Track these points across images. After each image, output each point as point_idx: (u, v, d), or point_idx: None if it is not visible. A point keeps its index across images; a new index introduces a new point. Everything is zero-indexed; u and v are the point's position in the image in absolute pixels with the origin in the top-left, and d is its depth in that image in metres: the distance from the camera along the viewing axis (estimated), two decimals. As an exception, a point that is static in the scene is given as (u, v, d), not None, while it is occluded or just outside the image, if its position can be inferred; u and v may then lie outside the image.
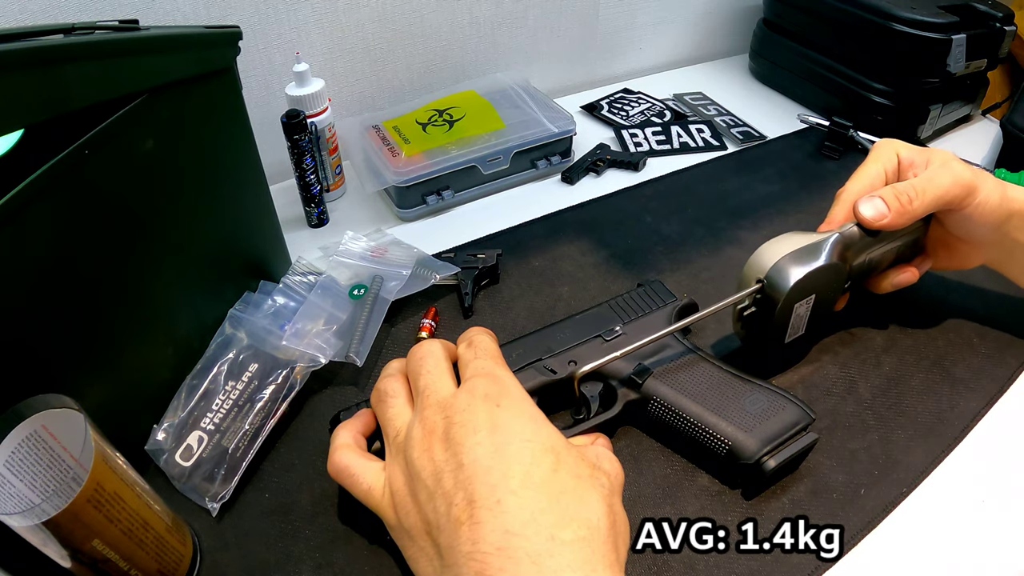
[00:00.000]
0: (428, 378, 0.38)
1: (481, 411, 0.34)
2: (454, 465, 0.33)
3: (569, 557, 0.29)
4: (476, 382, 0.36)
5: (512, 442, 0.33)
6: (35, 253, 0.34)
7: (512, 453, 0.33)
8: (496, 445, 0.33)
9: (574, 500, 0.32)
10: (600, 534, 0.31)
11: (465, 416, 0.34)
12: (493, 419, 0.34)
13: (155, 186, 0.42)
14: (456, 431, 0.34)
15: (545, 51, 0.87)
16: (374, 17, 0.72)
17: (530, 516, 0.30)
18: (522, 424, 0.34)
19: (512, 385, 0.37)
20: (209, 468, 0.43)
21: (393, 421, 0.38)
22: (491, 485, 0.31)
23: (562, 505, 0.31)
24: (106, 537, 0.32)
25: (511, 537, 0.30)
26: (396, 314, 0.55)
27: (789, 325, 0.46)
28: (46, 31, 0.36)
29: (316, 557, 0.40)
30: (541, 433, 0.34)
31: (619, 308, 0.50)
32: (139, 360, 0.44)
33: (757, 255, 0.46)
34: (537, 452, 0.33)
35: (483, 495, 0.31)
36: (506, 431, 0.33)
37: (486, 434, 0.33)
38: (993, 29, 0.74)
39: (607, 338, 0.48)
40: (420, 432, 0.35)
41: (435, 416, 0.35)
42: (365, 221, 0.68)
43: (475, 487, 0.31)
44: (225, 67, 0.46)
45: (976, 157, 0.75)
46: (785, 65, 0.88)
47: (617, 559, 0.31)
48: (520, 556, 0.29)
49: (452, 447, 0.33)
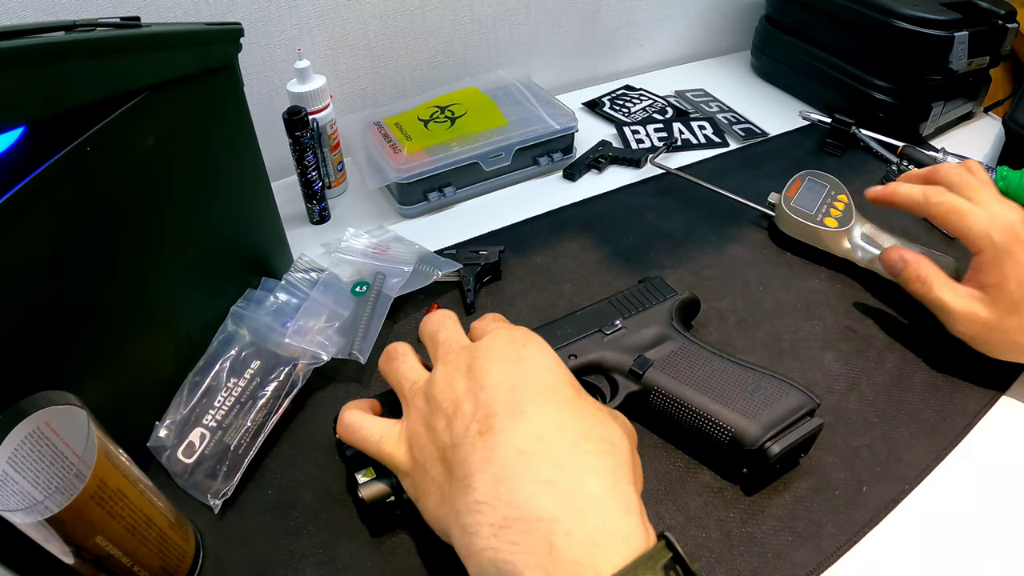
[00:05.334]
0: (447, 333, 0.38)
1: (506, 348, 0.34)
2: (476, 388, 0.33)
3: (592, 464, 0.29)
4: (500, 331, 0.36)
5: (536, 371, 0.33)
6: (37, 250, 0.34)
7: (536, 379, 0.33)
8: (520, 372, 0.33)
9: (596, 422, 0.32)
10: (623, 453, 0.31)
11: (489, 353, 0.34)
12: (517, 353, 0.34)
13: (157, 183, 0.42)
14: (480, 363, 0.34)
15: (547, 48, 0.86)
16: (376, 14, 0.72)
17: (554, 424, 0.30)
18: (546, 357, 0.34)
19: (536, 336, 0.37)
20: (211, 465, 0.43)
21: (408, 375, 0.38)
22: (514, 400, 0.31)
23: (585, 422, 0.31)
24: (109, 534, 0.32)
25: (534, 442, 0.29)
26: (398, 311, 0.55)
27: None
28: (47, 28, 0.35)
29: (318, 554, 0.40)
30: (564, 370, 0.34)
31: (620, 304, 0.51)
32: (141, 357, 0.44)
33: None
34: (560, 382, 0.33)
35: (505, 408, 0.31)
36: (530, 362, 0.34)
37: (510, 364, 0.33)
38: (995, 26, 0.74)
39: (607, 332, 0.48)
40: (442, 372, 0.35)
41: (458, 359, 0.35)
42: (367, 218, 0.68)
43: (496, 404, 0.31)
44: (227, 64, 0.46)
45: (978, 155, 0.75)
46: (787, 62, 0.88)
47: (634, 480, 0.30)
48: (543, 458, 0.29)
49: (474, 376, 0.33)
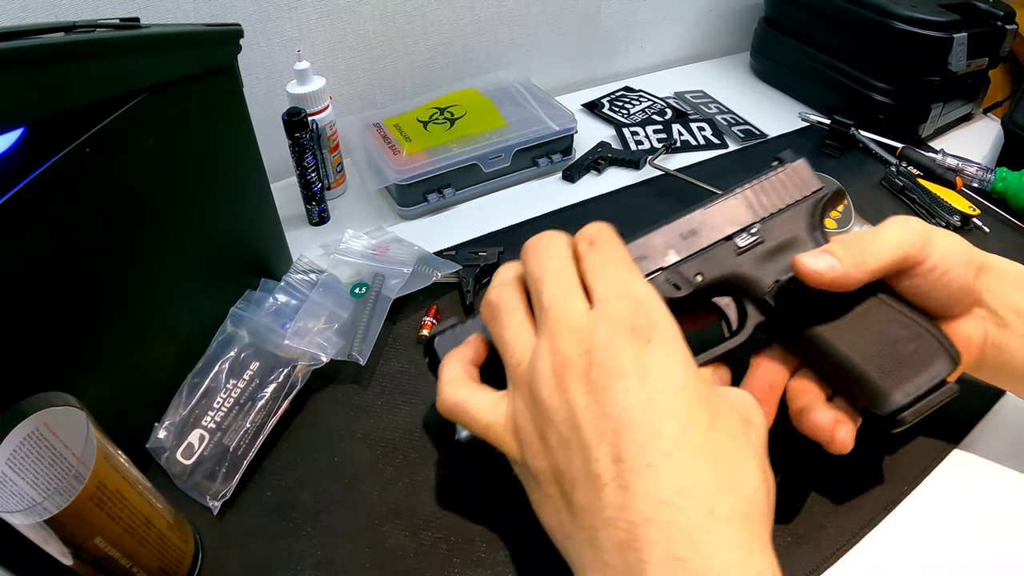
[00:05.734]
0: (553, 290, 0.32)
1: (628, 350, 0.29)
2: (595, 413, 0.29)
3: (726, 535, 0.26)
4: (616, 306, 0.31)
5: (665, 390, 0.29)
6: (36, 251, 0.34)
7: (665, 405, 0.28)
8: (647, 393, 0.28)
9: (731, 466, 0.28)
10: (757, 506, 0.28)
11: (608, 355, 0.29)
12: (643, 361, 0.29)
13: (156, 184, 0.42)
14: (598, 373, 0.29)
15: (546, 49, 0.86)
16: (375, 15, 0.72)
17: (685, 484, 0.27)
18: (676, 368, 0.29)
19: (659, 311, 0.31)
20: (210, 466, 0.43)
21: (512, 345, 0.33)
22: (641, 444, 0.27)
23: (719, 472, 0.28)
24: (108, 535, 0.32)
25: (663, 507, 0.26)
26: (397, 312, 0.55)
27: None
28: (47, 29, 0.35)
29: (317, 555, 0.40)
30: (695, 380, 0.29)
31: (755, 199, 0.41)
32: (140, 358, 0.44)
33: None
34: (693, 405, 0.29)
35: (631, 454, 0.27)
36: (658, 376, 0.29)
37: (636, 379, 0.29)
38: (994, 28, 0.74)
39: (741, 244, 0.39)
40: (550, 365, 0.31)
41: (568, 347, 0.30)
42: (366, 219, 0.68)
43: (622, 443, 0.28)
44: (226, 65, 0.46)
45: (977, 156, 0.75)
46: (786, 63, 0.88)
47: (769, 533, 0.28)
48: (673, 531, 0.26)
49: (593, 391, 0.29)
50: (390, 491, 0.43)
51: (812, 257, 0.36)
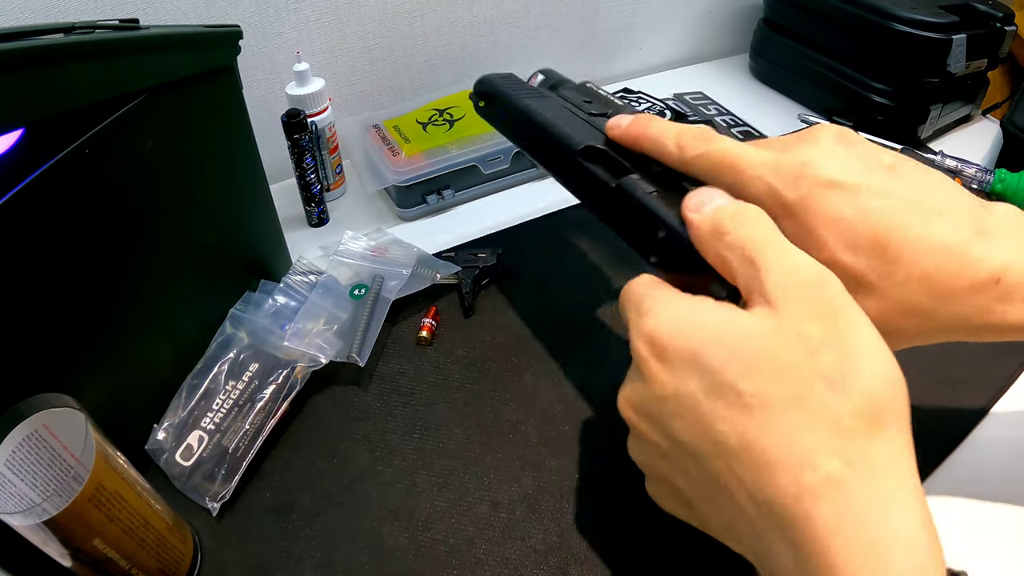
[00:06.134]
0: (639, 375, 0.31)
1: (698, 444, 0.29)
2: (679, 505, 0.33)
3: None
4: (687, 390, 0.29)
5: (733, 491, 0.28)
6: (35, 252, 0.34)
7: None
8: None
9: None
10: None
11: (681, 458, 0.30)
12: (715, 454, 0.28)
13: (155, 185, 0.42)
14: (679, 485, 0.31)
15: (545, 51, 0.87)
16: (375, 16, 0.72)
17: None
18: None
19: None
20: (209, 468, 0.43)
21: (628, 391, 0.33)
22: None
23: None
24: (107, 536, 0.32)
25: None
26: (397, 313, 0.55)
27: None
28: (46, 30, 0.35)
29: (316, 556, 0.40)
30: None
31: None
32: (139, 359, 0.44)
33: None
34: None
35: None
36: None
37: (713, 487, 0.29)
38: (993, 29, 0.74)
39: None
40: (641, 449, 0.33)
41: (651, 435, 0.31)
42: (365, 220, 0.68)
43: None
44: (226, 66, 0.46)
45: (976, 157, 0.75)
46: (785, 65, 0.88)
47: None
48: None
49: (679, 497, 0.32)
50: (389, 492, 0.43)
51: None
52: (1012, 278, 0.31)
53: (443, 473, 0.44)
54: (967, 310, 0.32)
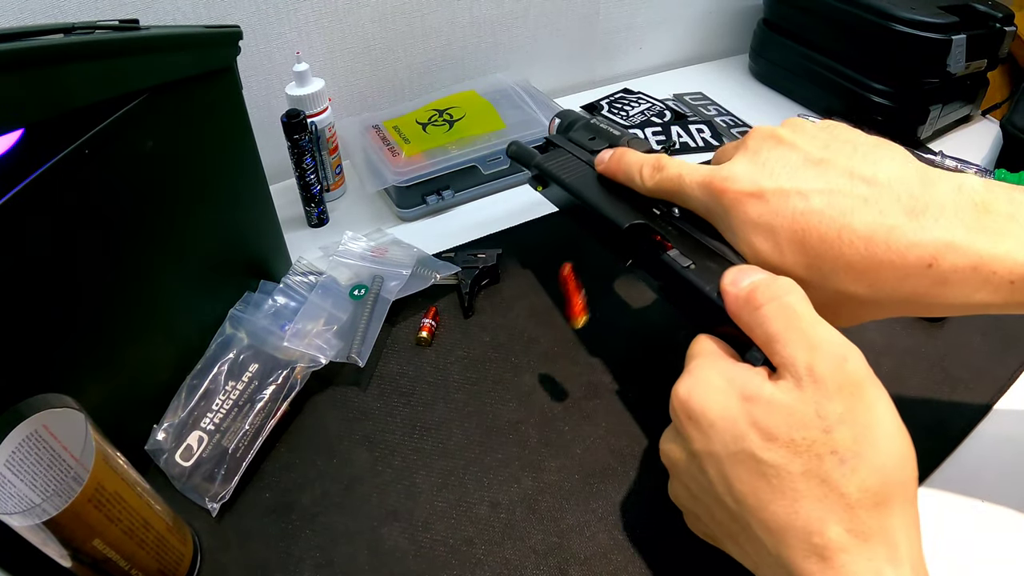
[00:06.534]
0: (686, 408, 0.32)
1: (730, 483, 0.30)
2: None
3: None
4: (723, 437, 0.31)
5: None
6: (35, 253, 0.34)
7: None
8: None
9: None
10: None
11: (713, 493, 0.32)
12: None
13: (155, 185, 0.42)
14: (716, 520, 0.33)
15: (545, 51, 0.87)
16: (374, 17, 0.72)
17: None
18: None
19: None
20: (209, 468, 0.43)
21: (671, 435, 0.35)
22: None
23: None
24: (107, 537, 0.32)
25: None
26: (396, 314, 0.55)
27: None
28: (46, 31, 0.35)
29: (316, 557, 0.40)
30: None
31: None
32: (139, 360, 0.44)
33: None
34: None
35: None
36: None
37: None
38: (993, 29, 0.74)
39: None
40: (679, 486, 0.35)
41: (689, 469, 0.33)
42: (365, 221, 0.68)
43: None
44: (225, 67, 0.46)
45: (976, 158, 0.75)
46: (785, 65, 0.88)
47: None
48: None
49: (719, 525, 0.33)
50: (389, 493, 0.43)
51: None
52: (945, 262, 0.31)
53: (443, 474, 0.44)
54: (903, 293, 0.32)
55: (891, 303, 0.33)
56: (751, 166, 0.35)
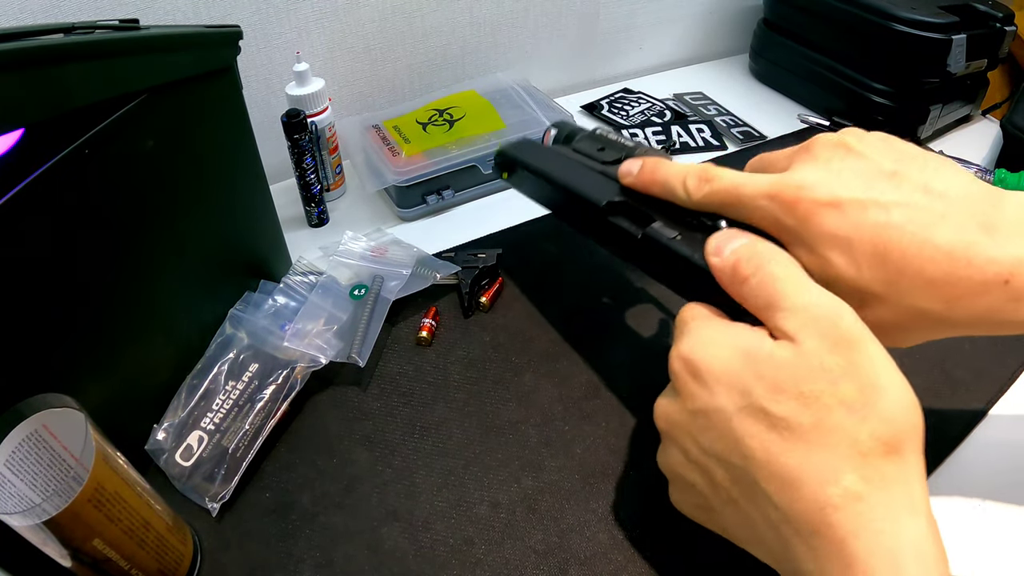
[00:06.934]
0: (683, 375, 0.33)
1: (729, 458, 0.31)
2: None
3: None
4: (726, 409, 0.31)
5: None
6: (35, 253, 0.34)
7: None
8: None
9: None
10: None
11: (714, 472, 0.32)
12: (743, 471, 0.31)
13: (155, 185, 0.42)
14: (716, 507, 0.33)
15: (545, 51, 0.87)
16: (374, 17, 0.72)
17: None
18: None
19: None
20: (209, 468, 0.43)
21: (662, 404, 0.35)
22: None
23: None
24: (107, 537, 0.32)
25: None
26: (396, 314, 0.55)
27: None
28: (46, 30, 0.35)
29: (316, 557, 0.40)
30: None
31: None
32: (139, 360, 0.44)
33: None
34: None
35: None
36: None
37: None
38: (993, 29, 0.74)
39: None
40: (676, 455, 0.34)
41: (686, 448, 0.34)
42: (365, 221, 0.68)
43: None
44: (225, 66, 0.46)
45: (976, 157, 0.75)
46: (785, 65, 0.88)
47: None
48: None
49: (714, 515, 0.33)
50: (389, 493, 0.43)
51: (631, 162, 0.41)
52: (1022, 278, 0.31)
53: (443, 473, 0.44)
54: (978, 311, 0.32)
55: (964, 321, 0.33)
56: (824, 174, 0.33)
